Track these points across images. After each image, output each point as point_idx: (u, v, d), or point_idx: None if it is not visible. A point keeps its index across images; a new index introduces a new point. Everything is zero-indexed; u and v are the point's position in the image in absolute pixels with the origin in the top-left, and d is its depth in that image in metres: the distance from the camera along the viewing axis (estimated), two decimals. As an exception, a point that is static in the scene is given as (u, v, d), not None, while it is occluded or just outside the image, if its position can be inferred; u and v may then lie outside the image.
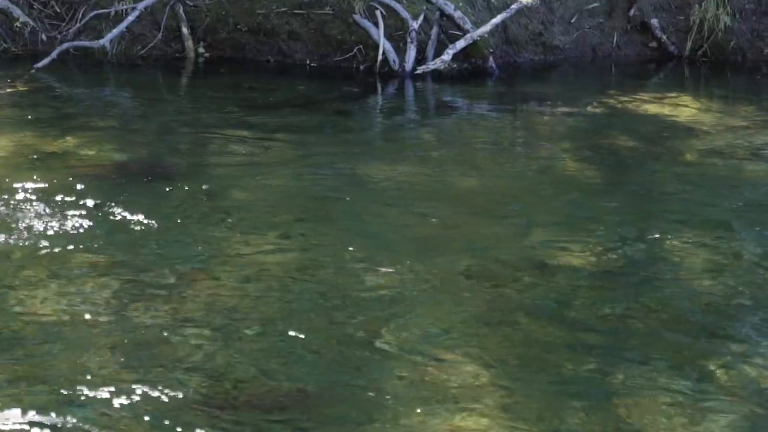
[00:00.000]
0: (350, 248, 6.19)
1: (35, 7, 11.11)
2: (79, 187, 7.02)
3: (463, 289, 5.73)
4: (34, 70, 10.31)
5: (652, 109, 9.86)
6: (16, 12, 10.98)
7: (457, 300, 5.60)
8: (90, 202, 6.72)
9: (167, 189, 7.13)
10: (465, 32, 10.89)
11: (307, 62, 11.08)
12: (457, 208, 6.95)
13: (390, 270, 5.91)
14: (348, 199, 7.06)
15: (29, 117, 8.87)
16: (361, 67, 10.91)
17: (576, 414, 4.59)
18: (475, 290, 5.73)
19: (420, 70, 10.68)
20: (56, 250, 6.03)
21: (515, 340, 5.21)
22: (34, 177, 7.14)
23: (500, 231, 6.56)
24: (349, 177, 7.59)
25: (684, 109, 9.89)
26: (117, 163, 7.72)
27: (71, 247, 6.08)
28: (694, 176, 7.79)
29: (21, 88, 9.79)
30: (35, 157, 7.72)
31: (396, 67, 10.67)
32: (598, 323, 5.41)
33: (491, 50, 11.06)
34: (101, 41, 10.82)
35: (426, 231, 6.53)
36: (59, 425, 4.40)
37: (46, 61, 10.42)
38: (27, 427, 4.35)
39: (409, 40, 10.76)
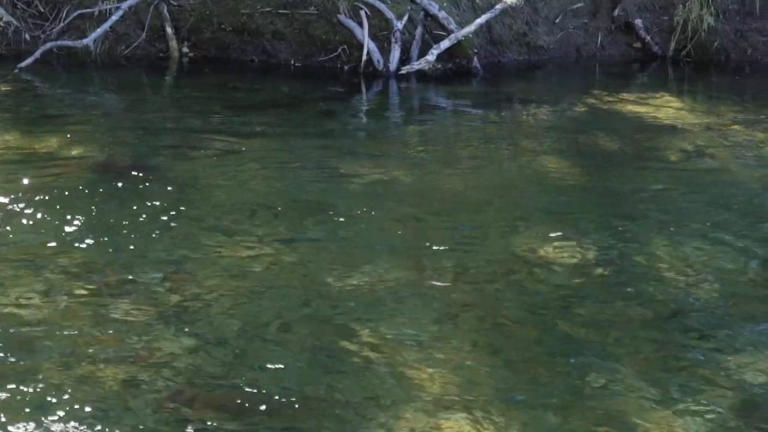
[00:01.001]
0: (333, 248, 6.19)
1: (19, 6, 11.08)
2: (61, 186, 7.00)
3: (445, 289, 5.72)
4: (17, 70, 10.28)
5: (636, 109, 9.88)
6: (0, 11, 10.95)
7: (440, 300, 5.60)
8: (72, 202, 6.71)
9: (149, 188, 7.12)
10: (449, 32, 10.89)
11: (292, 62, 11.08)
12: (441, 208, 6.95)
13: (373, 270, 5.91)
14: (331, 199, 7.05)
15: (12, 117, 8.85)
16: (346, 68, 10.90)
17: (557, 414, 4.60)
18: (457, 290, 5.73)
19: (404, 70, 10.68)
20: (37, 249, 6.02)
21: (496, 340, 5.21)
22: (17, 176, 7.13)
23: (483, 231, 6.56)
24: (332, 177, 7.58)
25: (667, 109, 9.91)
26: (100, 163, 7.70)
27: (52, 245, 6.07)
28: (677, 176, 7.81)
29: (4, 88, 9.76)
30: (17, 156, 7.71)
31: (380, 67, 10.67)
32: (580, 322, 5.41)
33: (476, 50, 11.07)
34: (85, 41, 10.80)
35: (409, 231, 6.53)
36: (33, 424, 4.39)
37: (29, 60, 10.40)
38: None
39: (393, 40, 10.76)
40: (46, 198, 6.75)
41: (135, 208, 6.71)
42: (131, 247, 6.12)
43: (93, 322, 5.23)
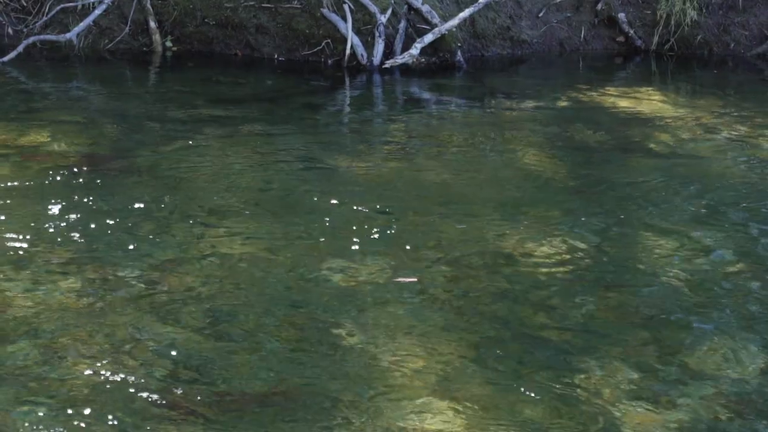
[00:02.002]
0: (317, 242, 6.19)
1: (1, 0, 11.04)
2: (44, 180, 6.99)
3: (429, 283, 5.73)
4: (0, 64, 10.25)
5: (619, 102, 9.90)
6: (-18, 6, 10.93)
7: (421, 293, 5.61)
8: (54, 195, 6.69)
9: (134, 183, 7.11)
10: (433, 26, 10.90)
11: (275, 56, 11.07)
12: (424, 202, 6.95)
13: (355, 262, 5.92)
14: (315, 193, 7.05)
15: (-5, 111, 8.84)
16: (329, 61, 10.90)
17: (539, 408, 4.61)
18: (438, 283, 5.74)
19: (388, 64, 10.69)
20: (18, 242, 6.01)
21: (477, 333, 5.22)
22: (0, 171, 7.12)
23: (466, 224, 6.57)
24: (316, 171, 7.58)
25: (650, 102, 9.93)
26: (83, 156, 7.68)
27: (37, 240, 6.06)
28: (660, 169, 7.82)
29: (-13, 82, 9.76)
30: (1, 150, 7.68)
31: (364, 61, 10.67)
32: (566, 317, 5.42)
33: (459, 44, 11.08)
34: (68, 35, 10.77)
35: (391, 223, 6.53)
36: (27, 420, 4.38)
37: (12, 54, 10.37)
38: (-9, 422, 4.35)
39: (377, 34, 10.76)
40: (28, 191, 6.74)
41: (118, 201, 6.70)
42: (113, 240, 6.12)
43: (74, 316, 5.22)
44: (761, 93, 10.80)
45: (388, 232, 6.41)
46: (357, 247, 6.13)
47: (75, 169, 7.31)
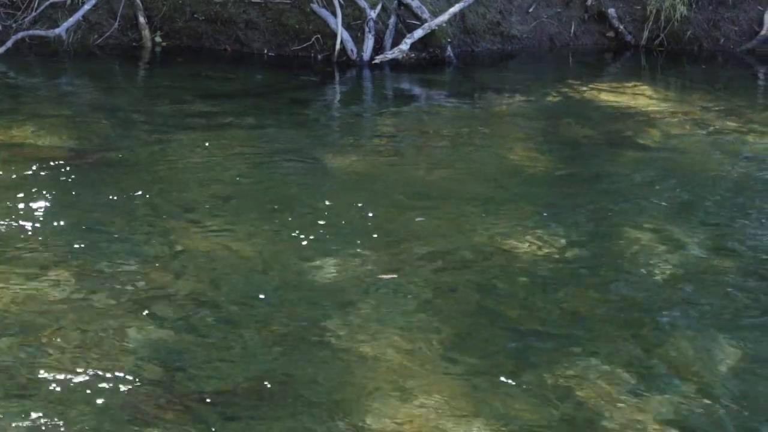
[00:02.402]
0: (301, 237, 6.19)
1: (-10, -4, 11.03)
2: (32, 175, 6.98)
3: (418, 278, 5.73)
4: (-11, 59, 10.25)
5: (609, 98, 9.90)
6: (-29, 1, 10.90)
7: (410, 288, 5.61)
8: (45, 191, 6.68)
9: (121, 177, 7.10)
10: (423, 21, 10.89)
11: (265, 51, 11.06)
12: (413, 197, 6.95)
13: (344, 257, 5.91)
14: (302, 187, 7.05)
15: (-17, 106, 8.82)
16: (319, 57, 10.89)
17: (525, 403, 4.61)
18: (427, 279, 5.74)
19: (378, 59, 10.68)
20: (6, 237, 6.00)
21: (465, 329, 5.22)
22: (-12, 166, 7.12)
23: (455, 219, 6.57)
24: (306, 166, 7.58)
25: (641, 98, 9.93)
26: (73, 152, 7.67)
27: (22, 234, 6.05)
28: (648, 164, 7.83)
29: (-25, 78, 9.74)
30: (-11, 146, 7.69)
31: (354, 56, 10.67)
32: (554, 312, 5.43)
33: (449, 39, 11.08)
34: (57, 30, 10.75)
35: (381, 219, 6.53)
36: (11, 415, 4.37)
37: (0, 50, 10.34)
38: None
39: (367, 29, 10.76)
40: (17, 186, 6.73)
41: (107, 196, 6.69)
42: (102, 235, 6.11)
43: (55, 311, 5.21)
44: (750, 88, 10.81)
45: (374, 227, 6.40)
46: (341, 242, 6.13)
47: (62, 164, 7.29)
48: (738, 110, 9.54)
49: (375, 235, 6.26)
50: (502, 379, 4.76)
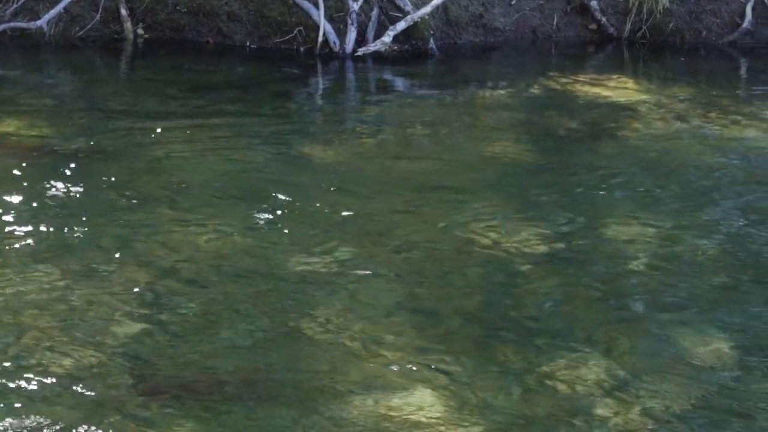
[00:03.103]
0: (288, 230, 6.19)
1: (-29, -13, 10.97)
2: (14, 168, 6.95)
3: (401, 271, 5.73)
4: (-31, 52, 10.20)
5: (592, 90, 9.91)
6: (-48, -7, 10.85)
7: (393, 280, 5.61)
8: (26, 184, 6.67)
9: (103, 170, 7.08)
10: (405, 14, 10.88)
11: (247, 44, 11.02)
12: (397, 190, 6.95)
13: (327, 250, 5.91)
14: (287, 180, 7.04)
15: (-36, 99, 8.78)
16: (302, 49, 10.87)
17: (507, 393, 4.61)
18: (411, 271, 5.74)
19: (360, 51, 10.66)
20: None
21: (454, 321, 5.22)
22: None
23: (438, 211, 6.57)
24: (288, 159, 7.57)
25: (623, 90, 9.94)
26: (54, 145, 7.65)
27: (2, 228, 6.03)
28: (630, 156, 7.84)
29: (-44, 70, 9.70)
30: (-30, 139, 7.66)
31: (336, 48, 10.65)
32: (537, 303, 5.44)
33: (432, 32, 11.06)
34: (38, 22, 10.70)
35: (364, 211, 6.53)
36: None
37: (-19, 42, 10.31)
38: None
39: (349, 21, 10.74)
40: (-2, 180, 6.72)
41: (89, 190, 6.68)
42: (84, 229, 6.09)
43: (41, 303, 5.20)
44: (732, 81, 10.83)
45: (354, 218, 6.41)
46: (323, 234, 6.13)
47: (45, 157, 7.27)
48: (720, 102, 9.56)
49: (355, 227, 6.26)
50: (481, 370, 4.77)
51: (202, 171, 7.17)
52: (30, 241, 5.91)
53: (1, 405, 4.39)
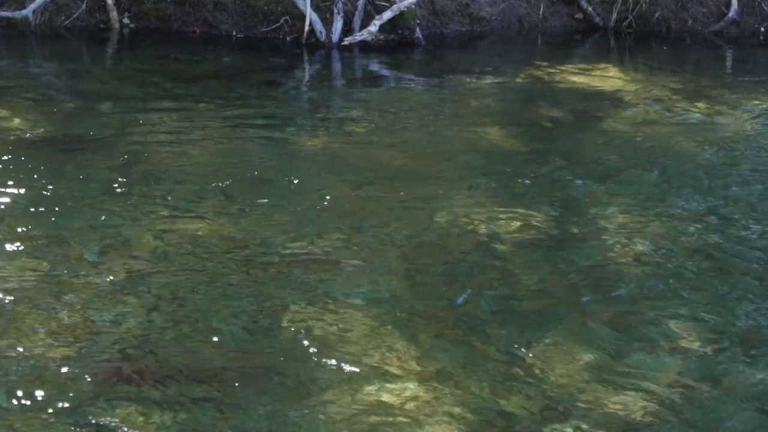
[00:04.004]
0: (275, 220, 6.19)
1: (-44, -23, 10.96)
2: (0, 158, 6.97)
3: (389, 260, 5.73)
4: (-45, 41, 10.19)
5: (578, 79, 9.93)
6: (-63, -18, 10.83)
7: (380, 269, 5.62)
8: (11, 174, 6.66)
9: (90, 160, 7.08)
10: (392, 3, 10.89)
11: (233, 33, 11.03)
12: (383, 177, 6.96)
13: (314, 239, 5.92)
14: (273, 169, 7.04)
15: (-51, 88, 8.78)
16: (288, 39, 10.87)
17: (494, 383, 4.62)
18: (401, 261, 5.74)
19: (347, 41, 10.67)
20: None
21: (435, 308, 5.23)
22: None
23: (427, 201, 6.58)
24: (275, 148, 7.58)
25: (609, 79, 9.96)
26: (39, 134, 7.64)
27: (-11, 217, 6.04)
28: (618, 145, 7.86)
29: (-59, 60, 9.68)
30: (-46, 128, 7.65)
31: (323, 38, 10.66)
32: (525, 291, 5.45)
33: (418, 21, 11.08)
34: (24, 11, 10.70)
35: (350, 200, 6.53)
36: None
37: (-33, 31, 10.30)
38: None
39: (335, 11, 10.74)
40: (-17, 169, 6.71)
41: (75, 179, 6.67)
42: (71, 218, 6.09)
43: (31, 291, 5.20)
44: (718, 70, 10.87)
45: (340, 206, 6.41)
46: (316, 223, 6.13)
47: (31, 147, 7.27)
48: (705, 91, 9.59)
49: (339, 214, 6.27)
50: (468, 359, 4.78)
51: (189, 159, 7.16)
52: (14, 229, 5.90)
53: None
